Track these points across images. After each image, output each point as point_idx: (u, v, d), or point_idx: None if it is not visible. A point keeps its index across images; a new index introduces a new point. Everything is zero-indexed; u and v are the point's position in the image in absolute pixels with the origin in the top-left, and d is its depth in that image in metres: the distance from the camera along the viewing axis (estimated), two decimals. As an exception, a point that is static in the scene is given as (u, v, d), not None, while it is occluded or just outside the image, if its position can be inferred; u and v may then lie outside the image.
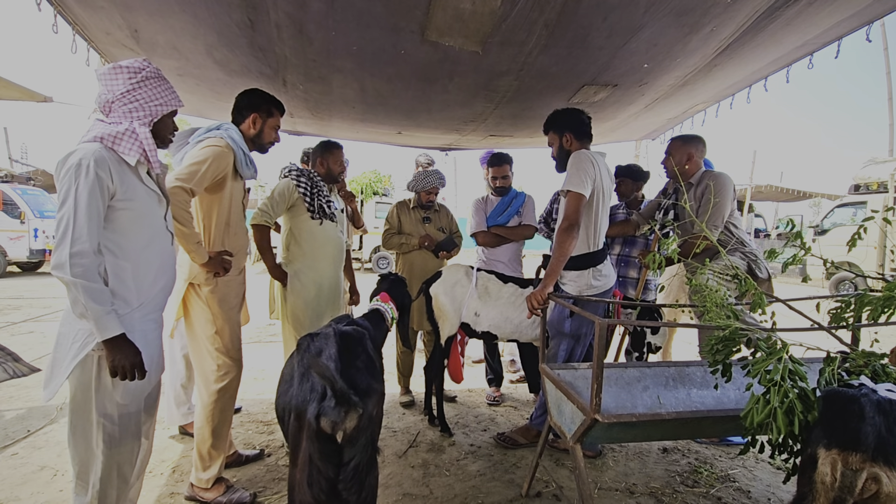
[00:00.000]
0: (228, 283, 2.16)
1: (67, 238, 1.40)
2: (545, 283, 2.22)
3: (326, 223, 2.62)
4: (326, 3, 1.90)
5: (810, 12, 2.03)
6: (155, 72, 1.61)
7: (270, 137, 2.27)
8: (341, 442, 1.29)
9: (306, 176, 2.61)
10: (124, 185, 1.52)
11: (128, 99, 1.55)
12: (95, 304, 1.42)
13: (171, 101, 1.65)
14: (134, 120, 1.56)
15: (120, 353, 1.48)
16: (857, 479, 1.14)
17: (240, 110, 2.22)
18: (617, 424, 1.62)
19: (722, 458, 2.69)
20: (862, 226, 1.72)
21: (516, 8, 1.90)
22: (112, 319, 1.45)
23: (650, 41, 2.19)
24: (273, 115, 2.25)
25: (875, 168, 10.39)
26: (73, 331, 1.51)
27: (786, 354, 1.38)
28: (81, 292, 1.40)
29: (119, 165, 1.52)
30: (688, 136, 2.90)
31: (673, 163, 2.83)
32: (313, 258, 2.62)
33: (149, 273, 1.62)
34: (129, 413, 1.60)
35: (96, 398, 1.53)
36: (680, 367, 2.18)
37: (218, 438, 2.14)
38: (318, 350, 1.39)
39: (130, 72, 1.55)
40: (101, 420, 1.53)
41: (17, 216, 10.00)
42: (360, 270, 12.60)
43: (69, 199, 1.41)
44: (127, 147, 1.52)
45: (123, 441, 1.59)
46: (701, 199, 2.72)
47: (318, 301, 2.62)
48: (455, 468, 2.51)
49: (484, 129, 3.62)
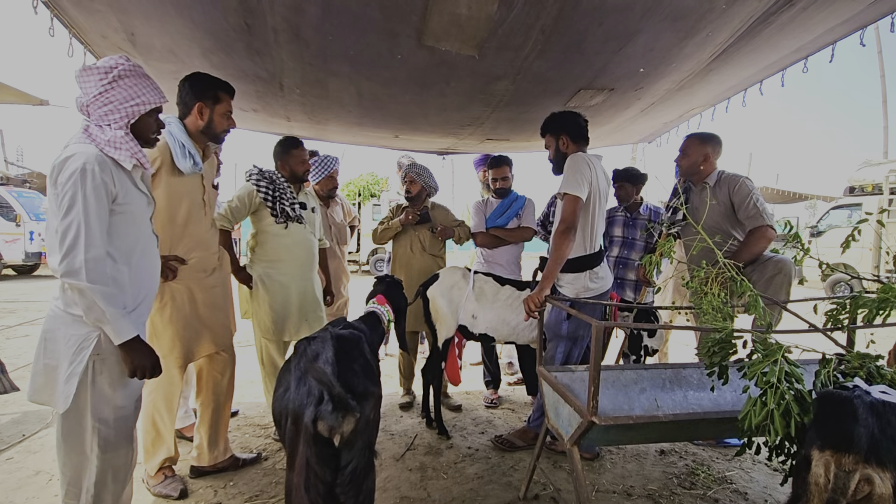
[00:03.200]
0: (177, 289, 2.08)
1: (80, 243, 1.38)
2: (542, 286, 2.23)
3: (293, 226, 2.60)
4: (323, 7, 1.91)
5: (804, 17, 2.05)
6: (129, 69, 1.51)
7: (223, 125, 2.12)
8: (338, 446, 1.29)
9: (268, 179, 2.57)
10: (122, 189, 1.51)
11: (101, 102, 1.48)
12: (113, 307, 1.42)
13: (151, 98, 1.56)
14: (111, 123, 1.49)
15: (138, 354, 1.49)
16: (851, 481, 1.15)
17: (183, 101, 2.06)
18: (614, 426, 1.62)
19: (719, 460, 2.70)
20: (857, 228, 1.73)
21: (512, 13, 1.91)
22: (128, 322, 1.47)
23: (646, 46, 2.21)
24: (221, 101, 2.08)
25: (870, 170, 10.46)
26: (66, 335, 1.49)
27: (781, 356, 1.39)
28: (100, 297, 1.40)
29: (117, 169, 1.51)
30: (705, 134, 2.76)
31: (687, 162, 2.73)
32: (278, 261, 2.61)
33: (142, 277, 1.62)
34: (126, 416, 1.59)
35: (92, 403, 1.51)
36: (677, 369, 2.18)
37: (157, 432, 2.18)
38: (315, 354, 1.39)
39: (101, 72, 1.47)
40: (96, 425, 1.52)
41: (12, 219, 9.97)
42: (357, 273, 12.59)
43: (77, 204, 1.39)
44: (119, 153, 1.49)
45: (119, 445, 1.57)
46: (730, 198, 2.59)
47: (284, 305, 2.61)
48: (453, 471, 2.51)
49: (481, 132, 3.64)
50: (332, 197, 3.53)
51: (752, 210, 2.51)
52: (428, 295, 2.93)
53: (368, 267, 12.77)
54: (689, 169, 2.74)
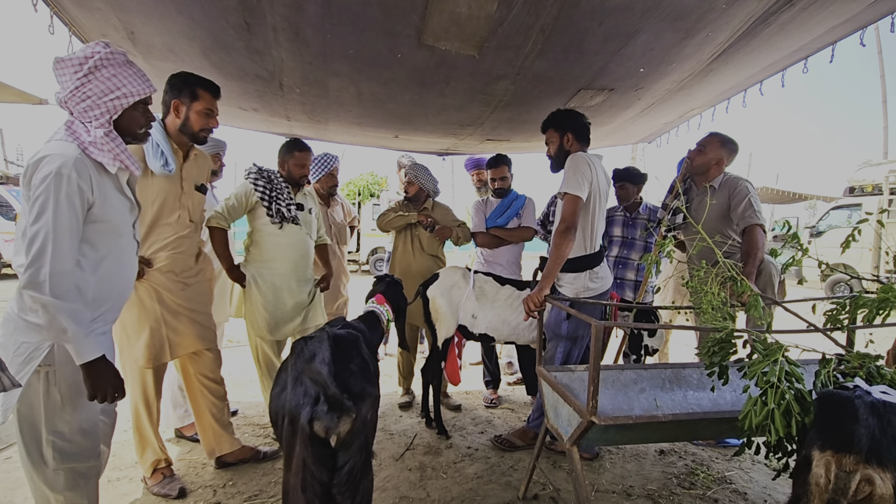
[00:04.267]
0: (144, 289, 2.03)
1: (46, 255, 1.27)
2: (542, 286, 2.22)
3: (288, 226, 2.59)
4: (323, 6, 1.91)
5: (804, 18, 2.04)
6: (107, 57, 1.36)
7: (200, 124, 2.02)
8: (335, 446, 1.28)
9: (266, 178, 2.57)
10: (102, 196, 1.39)
11: (79, 97, 1.34)
12: (76, 325, 1.31)
13: (135, 88, 1.40)
14: (92, 120, 1.36)
15: (100, 376, 1.36)
16: (851, 481, 1.14)
17: (164, 100, 2.00)
18: (614, 426, 1.62)
19: (718, 460, 2.70)
20: (856, 228, 1.73)
21: (512, 12, 1.91)
22: (92, 341, 1.34)
23: (646, 46, 2.21)
24: (199, 98, 1.99)
25: (869, 170, 10.47)
26: (15, 343, 1.37)
27: (782, 356, 1.39)
28: (62, 314, 1.28)
29: (98, 174, 1.38)
30: (728, 138, 2.70)
31: (702, 160, 2.68)
32: (272, 261, 2.60)
33: (111, 285, 1.50)
34: (87, 429, 1.49)
35: (45, 415, 1.41)
36: (676, 368, 2.18)
37: (141, 434, 2.19)
38: (312, 353, 1.38)
39: (76, 63, 1.32)
40: (50, 438, 1.43)
41: (11, 218, 9.96)
42: (357, 272, 12.58)
43: (47, 212, 1.27)
44: (103, 156, 1.37)
45: (80, 457, 1.49)
46: (728, 199, 2.59)
47: (276, 304, 2.61)
48: (452, 471, 2.50)
49: (481, 132, 3.63)
50: (333, 195, 3.52)
51: (747, 208, 2.52)
52: (428, 294, 2.93)
53: (368, 267, 12.77)
54: (700, 167, 2.70)
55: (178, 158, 2.08)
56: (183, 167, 2.11)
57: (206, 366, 2.31)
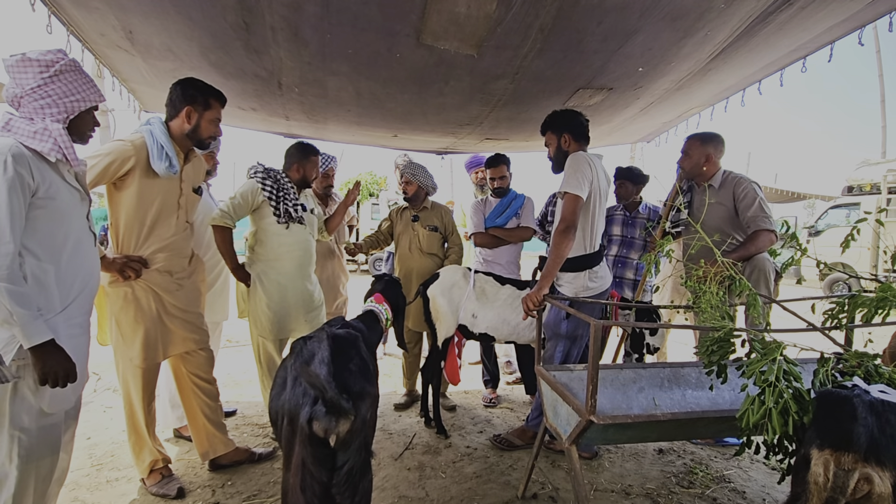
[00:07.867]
0: (141, 289, 2.07)
1: None
2: (541, 285, 2.23)
3: (293, 226, 2.60)
4: (321, 6, 1.91)
5: (803, 17, 2.05)
6: (70, 65, 1.51)
7: (209, 131, 2.12)
8: (334, 446, 1.28)
9: (272, 178, 2.57)
10: (45, 182, 1.45)
11: (38, 95, 1.46)
12: (22, 308, 1.35)
13: (90, 95, 1.56)
14: (46, 117, 1.47)
15: (50, 359, 1.40)
16: (850, 480, 1.15)
17: (172, 104, 2.07)
18: (612, 426, 1.62)
19: (717, 459, 2.70)
20: (855, 227, 1.74)
21: (511, 12, 1.91)
22: (40, 324, 1.39)
23: (645, 45, 2.21)
24: (211, 108, 2.09)
25: (868, 170, 10.48)
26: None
27: (780, 355, 1.39)
28: (6, 297, 1.33)
29: (39, 162, 1.45)
30: (706, 134, 2.73)
31: (690, 163, 2.71)
32: (277, 261, 2.60)
33: (73, 275, 1.55)
34: (52, 424, 1.52)
35: (11, 410, 1.44)
36: (675, 368, 2.18)
37: (137, 434, 2.19)
38: (311, 353, 1.38)
39: (41, 66, 1.45)
40: (15, 433, 1.44)
41: None
42: (356, 272, 12.58)
43: None
44: (43, 145, 1.45)
45: (43, 455, 1.50)
46: (734, 201, 2.59)
47: (281, 304, 2.61)
48: (451, 470, 2.51)
49: (480, 132, 3.63)
50: (329, 195, 3.52)
51: (758, 212, 2.51)
52: (428, 294, 2.93)
53: (367, 266, 12.76)
54: (691, 170, 2.73)
55: (180, 161, 2.11)
56: (183, 169, 2.14)
57: (199, 366, 2.31)
